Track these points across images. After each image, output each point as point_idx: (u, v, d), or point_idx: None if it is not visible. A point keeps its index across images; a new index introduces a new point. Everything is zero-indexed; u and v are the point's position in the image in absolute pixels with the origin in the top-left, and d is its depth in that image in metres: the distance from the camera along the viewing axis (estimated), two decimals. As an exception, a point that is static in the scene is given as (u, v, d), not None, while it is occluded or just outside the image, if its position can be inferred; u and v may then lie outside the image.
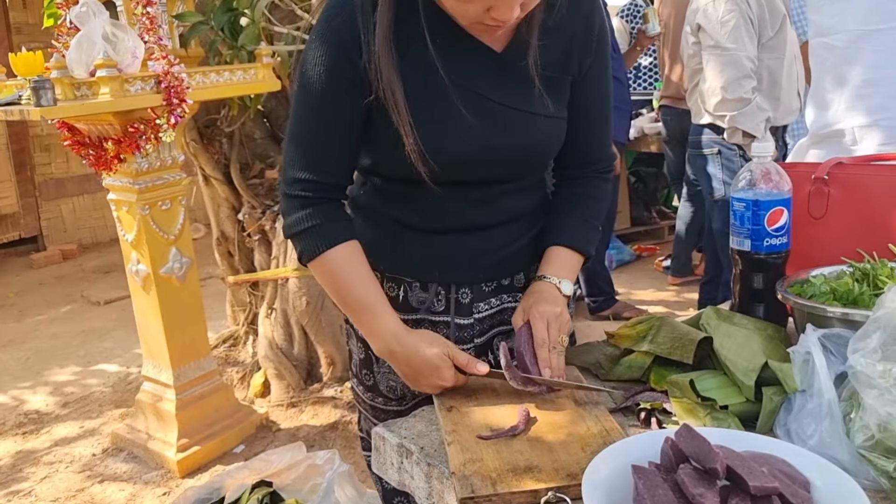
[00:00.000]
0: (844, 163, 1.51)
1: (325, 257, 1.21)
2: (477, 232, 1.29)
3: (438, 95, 1.16)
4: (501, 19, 1.05)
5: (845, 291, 1.21)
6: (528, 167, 1.29)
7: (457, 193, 1.25)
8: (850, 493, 0.78)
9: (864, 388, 0.89)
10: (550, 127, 1.24)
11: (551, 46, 1.20)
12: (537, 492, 0.93)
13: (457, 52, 1.16)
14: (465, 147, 1.18)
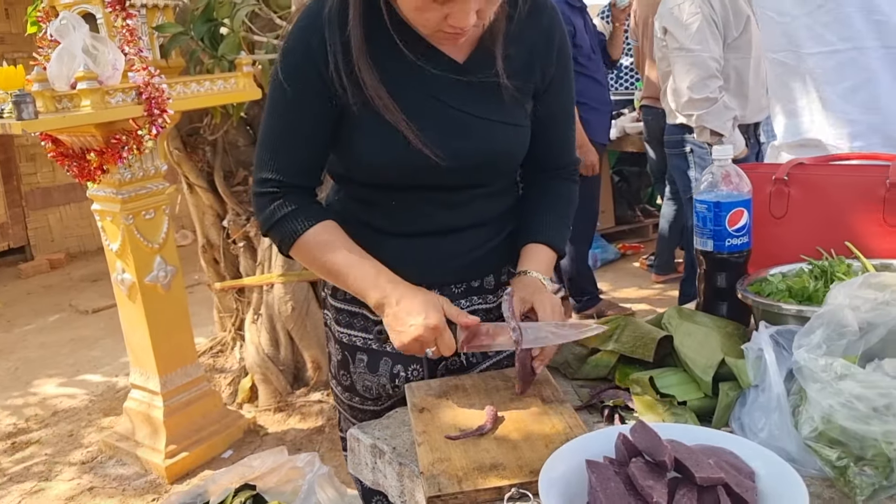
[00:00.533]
0: (805, 163, 1.55)
1: (304, 238, 1.25)
2: (448, 235, 1.33)
3: (407, 106, 1.20)
4: (459, 26, 1.10)
5: (801, 289, 1.25)
6: (495, 173, 1.33)
7: (427, 198, 1.29)
8: (791, 482, 0.82)
9: (808, 381, 0.93)
10: (513, 134, 1.29)
11: (513, 56, 1.25)
12: (501, 488, 0.97)
13: (422, 63, 1.21)
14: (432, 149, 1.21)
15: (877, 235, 1.38)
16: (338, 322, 1.43)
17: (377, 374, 1.38)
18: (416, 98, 1.21)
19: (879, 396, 0.88)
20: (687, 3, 3.04)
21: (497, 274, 1.39)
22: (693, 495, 0.81)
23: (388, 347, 1.37)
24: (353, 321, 1.39)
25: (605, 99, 4.13)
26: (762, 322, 1.11)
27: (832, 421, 0.91)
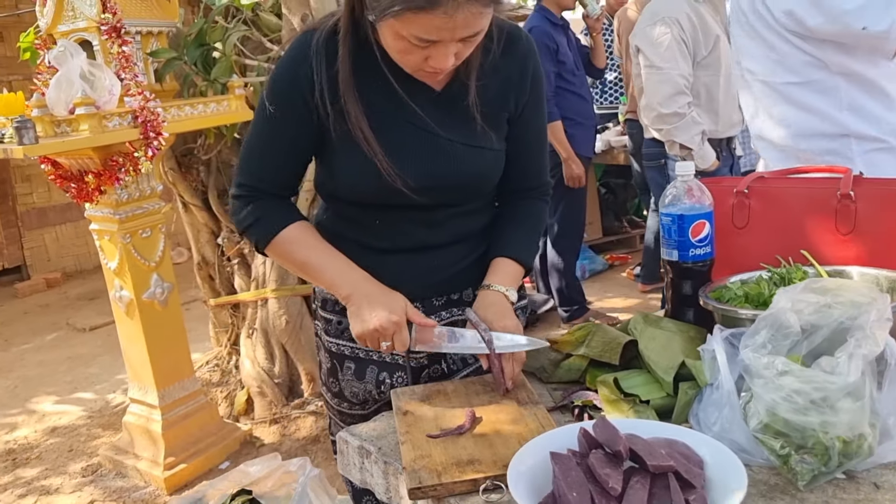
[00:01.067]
0: (765, 177, 1.65)
1: (279, 238, 1.36)
2: (427, 251, 1.42)
3: (390, 131, 1.31)
4: (438, 67, 1.20)
5: (757, 294, 1.35)
6: (471, 193, 1.42)
7: (408, 217, 1.39)
8: (734, 469, 0.91)
9: (753, 378, 1.02)
10: (488, 158, 1.38)
11: (488, 86, 1.35)
12: (477, 481, 1.05)
13: (399, 94, 1.30)
14: (415, 174, 1.31)
15: (830, 244, 1.48)
16: (327, 332, 1.51)
17: (364, 380, 1.47)
18: (396, 125, 1.31)
19: (815, 390, 0.97)
20: (658, 23, 3.18)
21: (475, 287, 1.48)
22: (646, 481, 0.90)
23: (374, 356, 1.46)
24: (341, 331, 1.48)
25: (589, 113, 4.24)
26: (717, 326, 1.20)
27: (776, 413, 1.00)
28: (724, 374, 1.08)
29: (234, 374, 3.63)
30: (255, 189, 1.38)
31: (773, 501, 0.97)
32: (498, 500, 1.03)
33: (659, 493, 0.89)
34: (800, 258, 1.45)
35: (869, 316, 1.04)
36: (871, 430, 0.99)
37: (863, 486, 0.98)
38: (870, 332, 1.02)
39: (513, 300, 1.41)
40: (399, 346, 1.30)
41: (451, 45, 1.17)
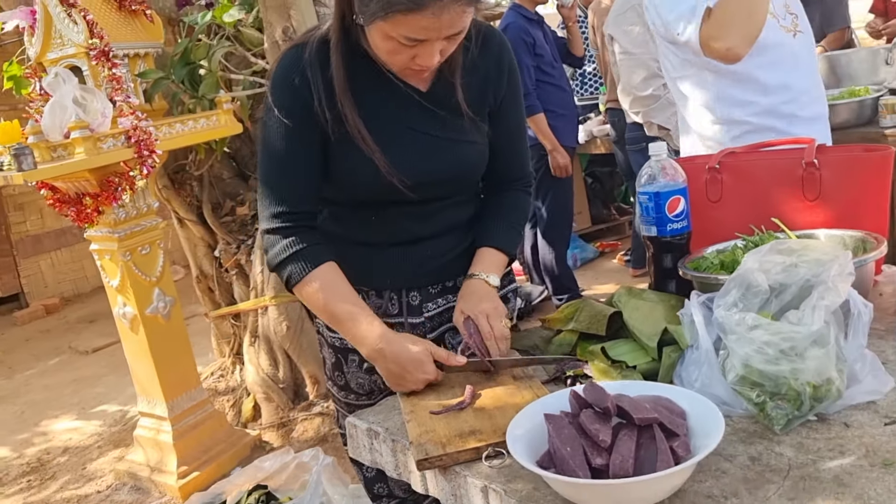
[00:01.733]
0: (735, 152, 1.74)
1: (310, 277, 1.37)
2: (420, 243, 1.50)
3: (382, 130, 1.39)
4: (425, 65, 1.28)
5: (731, 262, 1.43)
6: (460, 186, 1.51)
7: (401, 212, 1.47)
8: (712, 416, 0.99)
9: (727, 334, 1.10)
10: (474, 151, 1.47)
11: (470, 83, 1.44)
12: (479, 449, 1.13)
13: (389, 96, 1.39)
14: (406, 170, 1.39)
15: (799, 210, 1.56)
16: (329, 328, 1.58)
17: (368, 371, 1.54)
18: (390, 125, 1.39)
19: (784, 341, 1.06)
20: (628, 11, 3.28)
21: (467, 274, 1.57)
22: (633, 433, 0.98)
23: None
24: None
25: (570, 104, 4.33)
26: (694, 292, 1.28)
27: (750, 365, 1.08)
28: (701, 335, 1.17)
29: (240, 383, 3.70)
30: (289, 216, 1.39)
31: (752, 446, 1.05)
32: (500, 465, 1.11)
33: (646, 443, 0.97)
34: (771, 226, 1.53)
35: (831, 270, 1.13)
36: (838, 375, 1.08)
37: (834, 426, 1.06)
38: (832, 285, 1.10)
39: (495, 285, 1.49)
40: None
41: (437, 44, 1.25)
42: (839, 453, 1.00)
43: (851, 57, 3.58)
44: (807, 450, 1.02)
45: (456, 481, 1.14)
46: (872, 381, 1.12)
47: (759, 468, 0.99)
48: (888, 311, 1.39)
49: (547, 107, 4.06)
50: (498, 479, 1.08)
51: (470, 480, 1.10)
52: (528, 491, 1.03)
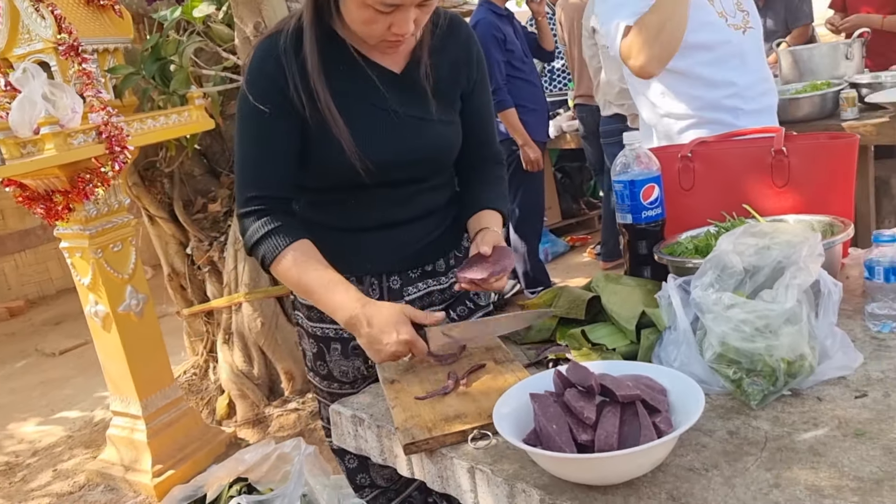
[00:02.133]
0: (706, 141, 1.78)
1: (285, 253, 1.39)
2: (398, 227, 1.52)
3: (359, 113, 1.42)
4: (401, 32, 1.32)
5: (705, 246, 1.47)
6: (436, 167, 1.54)
7: (379, 195, 1.49)
8: (693, 393, 1.02)
9: (704, 313, 1.14)
10: (447, 130, 1.51)
11: (439, 64, 1.48)
12: (465, 431, 1.15)
13: (363, 78, 1.42)
14: (383, 152, 1.42)
15: (769, 196, 1.61)
16: (310, 318, 1.60)
17: (351, 358, 1.56)
18: (363, 108, 1.42)
19: (759, 319, 1.09)
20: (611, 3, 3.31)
21: (446, 258, 1.59)
22: (617, 410, 1.01)
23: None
24: (323, 315, 1.56)
25: (540, 99, 4.37)
26: (671, 275, 1.32)
27: (727, 343, 1.11)
28: (679, 316, 1.20)
29: (213, 381, 3.68)
30: (263, 200, 1.41)
31: (730, 421, 1.08)
32: (485, 446, 1.13)
33: (629, 419, 1.00)
34: (742, 212, 1.58)
35: (802, 251, 1.17)
36: (810, 351, 1.12)
37: (807, 400, 1.10)
38: (803, 265, 1.14)
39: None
40: (419, 354, 1.35)
41: (412, 10, 1.29)
42: (813, 425, 1.04)
43: (813, 52, 3.67)
44: (782, 423, 1.06)
45: (442, 463, 1.15)
46: (843, 357, 1.16)
47: (737, 441, 1.03)
48: (855, 292, 1.44)
49: (518, 102, 4.09)
50: (484, 459, 1.10)
51: (457, 462, 1.12)
52: (515, 470, 1.05)
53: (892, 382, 1.11)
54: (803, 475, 0.93)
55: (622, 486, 0.96)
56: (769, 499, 0.89)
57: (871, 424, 1.01)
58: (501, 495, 1.04)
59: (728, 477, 0.95)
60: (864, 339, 1.26)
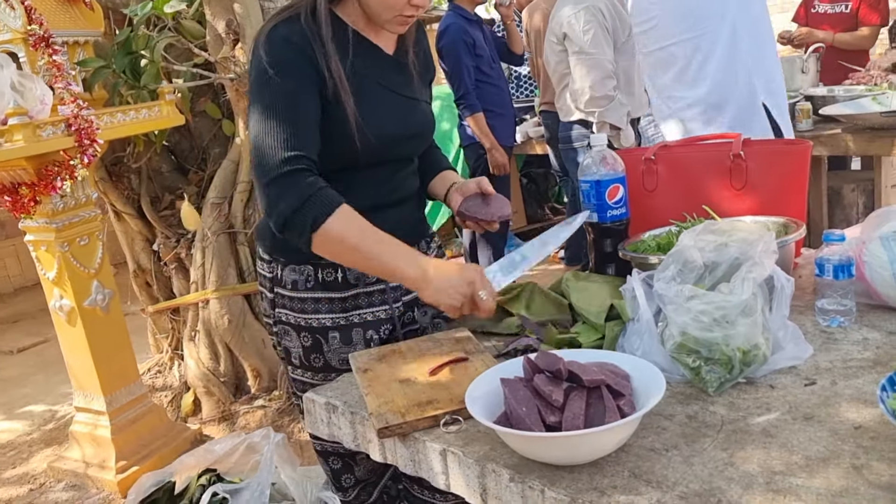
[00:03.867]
0: (668, 145, 1.85)
1: (341, 211, 1.33)
2: (385, 210, 1.56)
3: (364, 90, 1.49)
4: (421, 4, 1.42)
5: (667, 243, 1.54)
6: (421, 145, 1.67)
7: (372, 174, 1.55)
8: (655, 379, 1.07)
9: (666, 304, 1.20)
10: (430, 111, 1.65)
11: (417, 52, 1.62)
12: (437, 417, 1.20)
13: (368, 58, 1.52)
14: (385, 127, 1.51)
15: (727, 199, 1.68)
16: (303, 311, 1.58)
17: (352, 344, 1.57)
18: (368, 85, 1.50)
19: (717, 310, 1.16)
20: (582, 13, 3.40)
21: (428, 240, 1.71)
22: (583, 394, 1.06)
23: (356, 319, 1.58)
24: (318, 306, 1.57)
25: (507, 104, 4.44)
26: (635, 269, 1.38)
27: (687, 333, 1.18)
28: (642, 307, 1.26)
29: (178, 379, 3.67)
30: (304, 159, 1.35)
31: (689, 406, 1.15)
32: (457, 430, 1.17)
33: (594, 403, 1.05)
34: (703, 213, 1.65)
35: (757, 248, 1.23)
36: (764, 342, 1.19)
37: (761, 387, 1.17)
38: (758, 260, 1.21)
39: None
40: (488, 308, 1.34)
41: None
42: (766, 410, 1.10)
43: (771, 65, 3.79)
44: (737, 408, 1.12)
45: (415, 447, 1.20)
46: (794, 348, 1.23)
47: (695, 425, 1.09)
48: (807, 290, 1.52)
49: (485, 106, 4.16)
50: (456, 442, 1.14)
51: (429, 445, 1.17)
52: (485, 451, 1.10)
53: (839, 372, 1.19)
54: (756, 454, 0.99)
55: (587, 466, 1.02)
56: (724, 475, 0.95)
57: (818, 409, 1.08)
58: (472, 476, 1.09)
59: (687, 456, 1.01)
60: (815, 333, 1.34)
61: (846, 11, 4.43)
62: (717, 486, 0.93)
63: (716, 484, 0.94)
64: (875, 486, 0.89)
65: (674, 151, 1.81)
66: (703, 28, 2.27)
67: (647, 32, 2.39)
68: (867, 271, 1.36)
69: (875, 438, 0.99)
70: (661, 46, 2.33)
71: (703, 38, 2.26)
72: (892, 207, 1.38)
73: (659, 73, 2.40)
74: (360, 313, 1.58)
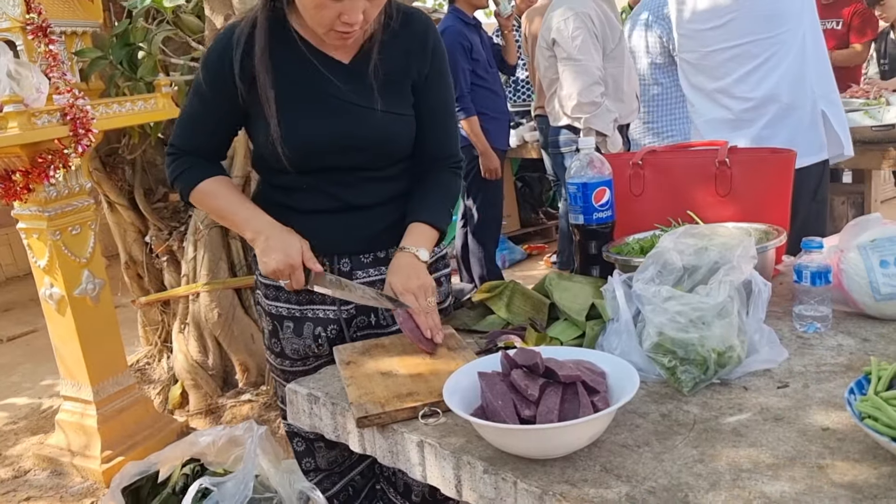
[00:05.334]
0: (656, 150, 1.88)
1: (201, 186, 1.57)
2: (350, 212, 1.58)
3: (302, 98, 1.50)
4: (350, 22, 1.38)
5: (650, 246, 1.55)
6: (382, 155, 1.58)
7: (328, 178, 1.56)
8: (630, 376, 1.09)
9: (644, 305, 1.22)
10: (393, 121, 1.55)
11: (392, 56, 1.54)
12: (416, 408, 1.21)
13: (313, 65, 1.50)
14: (320, 135, 1.51)
15: (711, 205, 1.70)
16: (266, 296, 1.66)
17: (302, 336, 1.62)
18: (303, 94, 1.50)
19: (693, 311, 1.18)
20: (572, 18, 3.42)
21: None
22: (558, 389, 1.08)
23: (309, 314, 1.62)
24: (278, 294, 1.63)
25: (502, 108, 4.46)
26: (616, 270, 1.40)
27: (664, 333, 1.20)
28: (622, 307, 1.28)
29: (166, 371, 3.67)
30: (184, 151, 1.60)
31: (663, 405, 1.17)
32: (435, 423, 1.19)
33: (570, 398, 1.07)
34: (687, 218, 1.67)
35: (736, 252, 1.26)
36: (739, 344, 1.21)
37: (734, 388, 1.19)
38: (736, 264, 1.23)
39: (424, 259, 1.55)
40: (295, 284, 1.50)
41: (361, 2, 1.36)
42: (738, 411, 1.12)
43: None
44: (710, 408, 1.14)
45: (393, 438, 1.21)
46: (769, 351, 1.25)
47: (668, 423, 1.11)
48: (786, 297, 1.54)
49: (480, 110, 4.18)
50: (433, 434, 1.16)
51: (407, 436, 1.18)
52: (461, 444, 1.12)
53: (812, 376, 1.21)
54: (725, 452, 1.01)
55: (560, 460, 1.03)
56: (693, 472, 0.97)
57: (789, 411, 1.11)
58: (448, 467, 1.11)
59: (658, 453, 1.03)
60: (791, 338, 1.36)
61: (838, 28, 4.47)
62: (685, 482, 0.95)
63: (684, 480, 0.96)
64: (838, 486, 0.91)
65: (661, 157, 1.83)
66: (784, 27, 2.19)
67: (717, 28, 2.25)
68: (844, 279, 1.39)
69: (842, 440, 1.01)
70: (736, 44, 2.22)
71: (782, 37, 2.19)
72: (870, 217, 1.41)
73: (719, 73, 2.28)
74: (313, 308, 1.62)
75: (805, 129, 2.21)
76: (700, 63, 2.34)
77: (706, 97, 2.36)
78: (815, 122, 2.24)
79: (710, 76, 2.32)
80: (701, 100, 2.39)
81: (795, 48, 2.19)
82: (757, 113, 2.22)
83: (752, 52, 2.20)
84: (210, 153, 1.63)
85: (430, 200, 1.62)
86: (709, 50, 2.28)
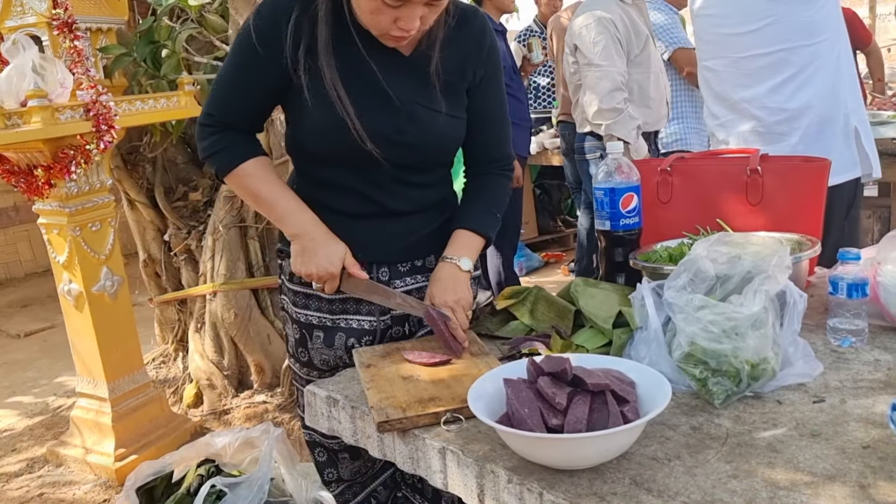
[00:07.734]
0: (684, 157, 1.84)
1: (238, 170, 1.47)
2: (391, 218, 1.53)
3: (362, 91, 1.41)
4: (406, 28, 1.32)
5: (679, 254, 1.52)
6: (431, 156, 1.52)
7: (374, 182, 1.49)
8: (661, 386, 1.06)
9: (675, 313, 1.18)
10: (448, 123, 1.49)
11: (449, 56, 1.47)
12: (438, 414, 1.18)
13: (374, 57, 1.41)
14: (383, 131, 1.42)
15: (742, 213, 1.67)
16: (295, 304, 1.60)
17: (333, 347, 1.56)
18: (365, 88, 1.41)
19: (727, 321, 1.14)
20: (594, 23, 3.37)
21: (437, 255, 1.57)
22: (587, 398, 1.05)
23: (342, 324, 1.56)
24: (308, 302, 1.57)
25: (525, 115, 4.43)
26: (645, 278, 1.37)
27: (695, 343, 1.16)
28: (651, 315, 1.24)
29: (182, 371, 3.67)
30: (220, 121, 1.48)
31: (694, 417, 1.13)
32: (457, 429, 1.16)
33: (598, 408, 1.04)
34: (716, 227, 1.63)
35: (771, 261, 1.22)
36: (773, 356, 1.17)
37: (768, 402, 1.15)
38: (772, 274, 1.20)
39: (466, 269, 1.52)
40: (328, 289, 1.47)
41: (419, 8, 1.30)
42: (772, 425, 1.08)
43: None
44: (743, 422, 1.10)
45: (414, 444, 1.18)
46: (804, 365, 1.21)
47: (699, 436, 1.07)
48: (819, 309, 1.50)
49: (504, 116, 4.14)
50: (456, 441, 1.13)
51: (428, 442, 1.15)
52: (485, 452, 1.08)
53: (848, 391, 1.17)
54: (761, 469, 0.97)
55: (588, 471, 1.00)
56: (727, 488, 0.93)
57: (826, 427, 1.06)
58: (470, 475, 1.08)
59: (689, 467, 0.99)
60: (825, 352, 1.32)
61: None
62: (719, 498, 0.91)
63: (718, 496, 0.92)
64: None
65: (690, 164, 1.79)
66: (822, 36, 2.09)
67: (752, 33, 2.14)
68: (881, 292, 1.34)
69: (884, 458, 0.97)
70: (772, 51, 2.12)
71: (820, 47, 2.09)
72: (909, 228, 1.36)
73: (751, 82, 2.18)
74: (347, 318, 1.55)
75: (839, 145, 2.13)
76: (728, 70, 2.26)
77: (732, 108, 2.26)
78: (849, 137, 2.16)
79: (739, 84, 2.23)
80: (726, 111, 2.28)
81: (832, 60, 2.10)
82: (790, 126, 2.13)
83: (790, 59, 2.10)
84: (250, 124, 1.52)
85: (476, 207, 1.59)
86: (740, 56, 2.18)
